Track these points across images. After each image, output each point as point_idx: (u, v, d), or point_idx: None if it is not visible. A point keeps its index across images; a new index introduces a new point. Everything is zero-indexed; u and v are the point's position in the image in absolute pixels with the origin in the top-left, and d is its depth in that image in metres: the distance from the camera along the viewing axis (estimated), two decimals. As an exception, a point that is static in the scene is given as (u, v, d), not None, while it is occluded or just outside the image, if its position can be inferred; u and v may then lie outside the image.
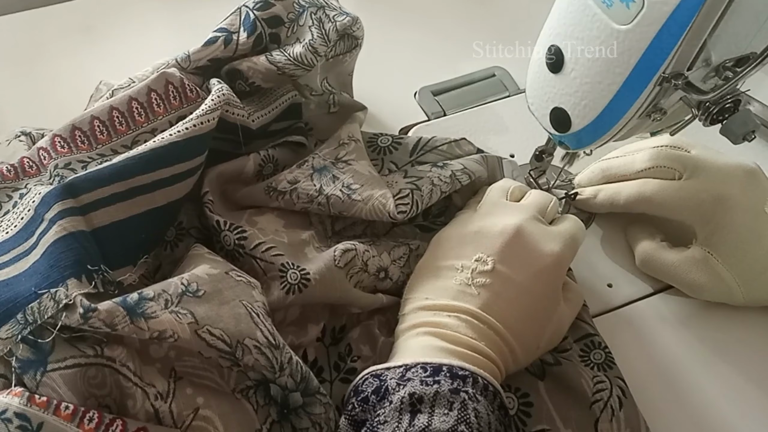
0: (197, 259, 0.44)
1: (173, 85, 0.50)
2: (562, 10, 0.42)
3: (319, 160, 0.53)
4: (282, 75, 0.53)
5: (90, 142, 0.49)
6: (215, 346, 0.38)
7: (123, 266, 0.43)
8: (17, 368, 0.35)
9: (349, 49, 0.56)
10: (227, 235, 0.46)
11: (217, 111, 0.48)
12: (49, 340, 0.35)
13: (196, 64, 0.53)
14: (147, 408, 0.36)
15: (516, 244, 0.45)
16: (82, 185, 0.42)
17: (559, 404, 0.45)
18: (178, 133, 0.45)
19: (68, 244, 0.39)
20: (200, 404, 0.38)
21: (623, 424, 0.44)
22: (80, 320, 0.35)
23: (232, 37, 0.53)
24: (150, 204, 0.45)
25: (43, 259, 0.39)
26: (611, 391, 0.45)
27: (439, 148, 0.55)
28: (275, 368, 0.39)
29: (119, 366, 0.36)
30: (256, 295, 0.42)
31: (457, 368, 0.39)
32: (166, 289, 0.39)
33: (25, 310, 0.36)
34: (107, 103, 0.49)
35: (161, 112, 0.50)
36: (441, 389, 0.38)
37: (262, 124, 0.53)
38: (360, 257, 0.47)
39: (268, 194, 0.50)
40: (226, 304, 0.40)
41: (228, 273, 0.42)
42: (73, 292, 0.36)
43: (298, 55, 0.52)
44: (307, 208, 0.50)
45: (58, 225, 0.40)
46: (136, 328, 0.36)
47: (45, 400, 0.33)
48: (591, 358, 0.47)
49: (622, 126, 0.43)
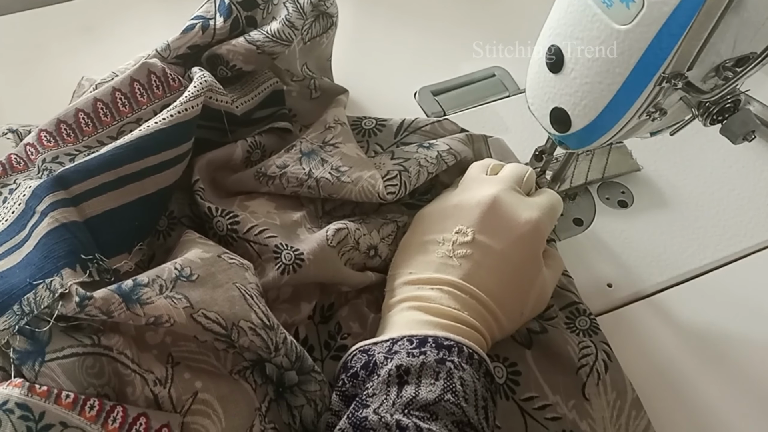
0: (189, 244, 0.44)
1: (155, 75, 0.50)
2: (562, 10, 0.42)
3: (306, 144, 0.53)
4: (262, 54, 0.53)
5: (76, 134, 0.49)
6: (211, 329, 0.38)
7: (118, 254, 0.44)
8: (15, 359, 0.35)
9: (324, 29, 0.57)
10: (219, 221, 0.47)
11: (200, 97, 0.48)
12: (45, 329, 0.35)
13: (176, 53, 0.53)
14: (146, 394, 0.36)
15: (493, 213, 0.46)
16: (72, 176, 0.42)
17: (547, 371, 0.46)
18: (163, 121, 0.46)
19: (61, 235, 0.40)
20: (199, 388, 0.38)
21: (609, 387, 0.45)
22: (76, 309, 0.35)
23: (209, 23, 0.54)
24: (141, 191, 0.45)
25: (36, 250, 0.39)
26: (597, 355, 0.46)
27: (423, 129, 0.56)
28: (270, 348, 0.40)
29: (117, 354, 0.37)
30: (249, 276, 0.43)
31: (442, 339, 0.40)
32: (159, 275, 0.39)
33: (21, 301, 0.36)
34: (91, 96, 0.49)
35: (145, 102, 0.50)
36: (427, 360, 0.39)
37: (245, 110, 0.54)
38: (352, 235, 0.48)
39: (258, 180, 0.51)
40: (219, 287, 0.40)
41: (220, 256, 0.43)
42: (68, 282, 0.36)
43: (276, 31, 0.53)
44: (297, 191, 0.50)
45: (50, 217, 0.40)
46: (132, 314, 0.36)
47: (46, 389, 0.33)
48: (576, 325, 0.48)
49: (622, 126, 0.43)
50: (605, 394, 0.45)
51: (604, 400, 0.45)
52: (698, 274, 0.55)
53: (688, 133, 0.48)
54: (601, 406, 0.45)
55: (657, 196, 0.60)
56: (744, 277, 0.55)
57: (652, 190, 0.61)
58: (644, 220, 0.58)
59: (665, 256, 0.56)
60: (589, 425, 0.45)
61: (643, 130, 0.46)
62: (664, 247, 0.57)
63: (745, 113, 0.42)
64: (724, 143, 0.43)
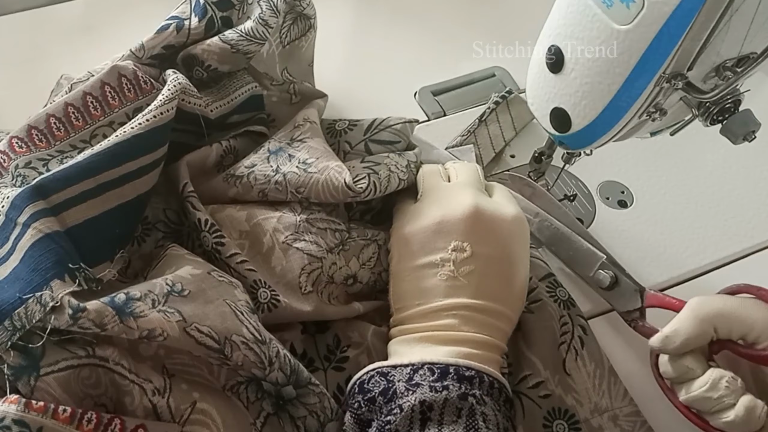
0: (178, 259, 0.44)
1: (126, 78, 0.50)
2: (562, 10, 0.42)
3: (274, 143, 0.52)
4: (237, 53, 0.53)
5: (48, 139, 0.48)
6: (204, 344, 0.38)
7: (101, 262, 0.43)
8: (10, 375, 0.34)
9: (303, 32, 0.57)
10: (206, 236, 0.46)
11: (174, 100, 0.48)
12: (39, 344, 0.35)
13: (150, 53, 0.53)
14: (145, 404, 0.36)
15: (481, 221, 0.46)
16: (51, 185, 0.42)
17: (535, 345, 0.47)
18: (139, 126, 0.45)
19: (46, 246, 0.39)
20: (197, 398, 0.38)
21: (587, 359, 0.48)
22: (69, 321, 0.35)
23: (183, 23, 0.53)
24: (120, 198, 0.45)
25: (22, 264, 0.39)
26: (573, 332, 0.48)
27: (393, 127, 0.55)
28: (264, 363, 0.39)
29: (113, 365, 0.36)
30: (238, 294, 0.42)
31: (464, 368, 0.40)
32: (151, 290, 0.39)
33: (12, 316, 0.35)
34: (62, 101, 0.49)
35: (117, 105, 0.50)
36: (450, 395, 0.39)
37: (220, 114, 0.53)
38: (325, 273, 0.46)
39: (227, 181, 0.50)
40: (210, 303, 0.40)
41: (210, 273, 0.43)
42: (59, 293, 0.36)
43: (249, 30, 0.52)
44: (264, 189, 0.49)
45: (32, 228, 0.39)
46: (126, 327, 0.36)
47: (42, 405, 0.33)
48: (557, 295, 0.49)
49: (622, 126, 0.43)
50: (584, 366, 0.47)
51: (585, 373, 0.47)
52: (698, 274, 0.56)
53: (688, 133, 0.48)
54: (583, 379, 0.47)
55: (657, 195, 0.60)
56: (744, 277, 0.55)
57: (652, 190, 0.61)
58: (644, 220, 0.58)
59: (665, 256, 0.56)
60: (574, 398, 0.46)
61: (643, 130, 0.46)
62: (664, 247, 0.57)
63: (746, 113, 0.42)
64: (724, 143, 0.43)
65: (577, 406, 0.46)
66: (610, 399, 0.47)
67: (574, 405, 0.46)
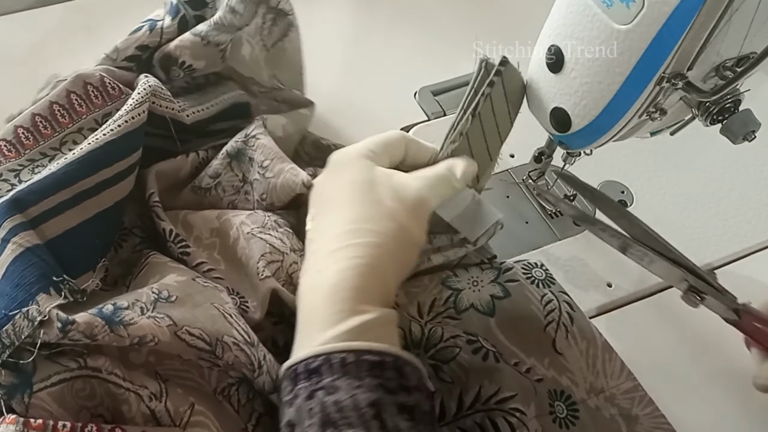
0: (161, 267, 0.44)
1: (92, 85, 0.49)
2: (562, 10, 0.42)
3: (232, 144, 0.51)
4: (208, 45, 0.52)
5: (17, 149, 0.48)
6: (195, 346, 0.38)
7: (83, 273, 0.43)
8: (3, 394, 0.34)
9: (284, 32, 0.56)
10: (171, 247, 0.46)
11: (145, 104, 0.47)
12: (30, 360, 0.34)
13: (124, 54, 0.52)
14: (143, 410, 0.36)
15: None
16: (27, 198, 0.41)
17: (514, 337, 0.46)
18: (111, 132, 0.45)
19: (28, 260, 0.38)
20: (193, 401, 0.38)
21: (578, 336, 0.46)
22: (59, 335, 0.34)
23: (156, 24, 0.53)
24: (98, 206, 0.44)
25: (5, 280, 0.38)
26: (560, 308, 0.46)
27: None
28: (254, 365, 0.39)
29: (106, 375, 0.36)
30: (224, 297, 0.42)
31: (311, 360, 0.36)
32: (138, 299, 0.39)
33: (0, 334, 0.35)
34: (28, 112, 0.48)
35: (84, 112, 0.49)
36: (299, 401, 0.36)
37: (198, 120, 0.53)
38: (284, 269, 0.45)
39: (195, 193, 0.50)
40: (199, 307, 0.40)
41: (194, 279, 0.43)
42: (45, 307, 0.36)
43: (218, 19, 0.52)
44: (234, 200, 0.49)
45: (12, 243, 0.39)
46: (117, 336, 0.36)
47: (41, 423, 0.32)
48: (533, 275, 0.48)
49: (622, 126, 0.43)
50: (576, 345, 0.46)
51: (577, 351, 0.46)
52: (698, 274, 0.55)
53: (688, 133, 0.48)
54: (576, 357, 0.45)
55: (657, 195, 0.60)
56: (744, 277, 0.55)
57: (652, 190, 0.61)
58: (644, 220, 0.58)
59: (665, 256, 0.56)
60: (569, 378, 0.45)
61: (643, 130, 0.46)
62: (664, 247, 0.56)
63: (746, 113, 0.42)
64: (724, 143, 0.43)
65: (573, 387, 0.45)
66: (605, 378, 0.46)
67: (569, 386, 0.45)
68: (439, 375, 0.43)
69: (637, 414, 0.45)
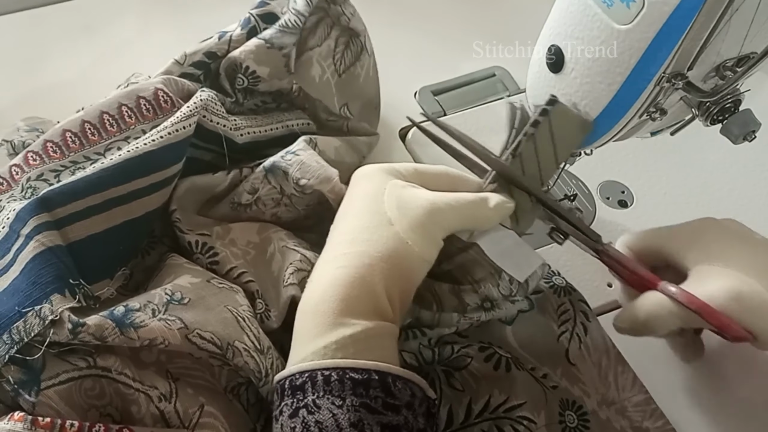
0: (177, 269, 0.43)
1: (144, 99, 0.49)
2: (563, 10, 0.42)
3: (269, 159, 0.50)
4: (272, 48, 0.52)
5: (62, 150, 0.47)
6: (206, 349, 0.38)
7: (100, 280, 0.42)
8: (11, 391, 0.34)
9: (356, 56, 0.56)
10: (199, 258, 0.45)
11: (194, 117, 0.46)
12: (38, 356, 0.34)
13: (192, 59, 0.53)
14: (152, 411, 0.36)
15: None
16: (56, 198, 0.41)
17: (527, 345, 0.46)
18: (152, 142, 0.44)
19: (47, 260, 0.38)
20: (203, 402, 0.38)
21: (592, 348, 0.46)
22: (69, 336, 0.35)
23: (226, 33, 0.54)
24: (127, 215, 0.43)
25: (22, 276, 0.38)
26: (575, 319, 0.46)
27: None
28: (261, 374, 0.39)
29: (116, 374, 0.36)
30: (239, 299, 0.42)
31: (296, 376, 0.35)
32: (150, 300, 0.39)
33: (11, 329, 0.35)
34: (78, 117, 0.48)
35: (133, 123, 0.49)
36: (283, 419, 0.35)
37: (250, 141, 0.51)
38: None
39: (235, 210, 0.49)
40: (211, 310, 0.40)
41: (209, 281, 0.42)
42: (58, 308, 0.36)
43: (283, 22, 0.53)
44: (276, 212, 0.49)
45: (35, 240, 0.39)
46: (126, 338, 0.36)
47: (49, 421, 0.33)
48: (554, 282, 0.47)
49: (622, 126, 0.43)
50: (589, 356, 0.45)
51: (590, 362, 0.45)
52: (698, 274, 0.55)
53: (688, 133, 0.48)
54: (588, 368, 0.45)
55: (657, 195, 0.60)
56: (744, 277, 0.55)
57: (652, 190, 0.61)
58: (644, 220, 0.58)
59: (665, 256, 0.56)
60: (581, 389, 0.44)
61: (643, 130, 0.46)
62: (664, 247, 0.56)
63: (746, 113, 0.42)
64: (724, 143, 0.43)
65: (585, 398, 0.44)
66: (617, 390, 0.45)
67: (581, 396, 0.44)
68: (450, 381, 0.43)
69: (648, 427, 0.44)
